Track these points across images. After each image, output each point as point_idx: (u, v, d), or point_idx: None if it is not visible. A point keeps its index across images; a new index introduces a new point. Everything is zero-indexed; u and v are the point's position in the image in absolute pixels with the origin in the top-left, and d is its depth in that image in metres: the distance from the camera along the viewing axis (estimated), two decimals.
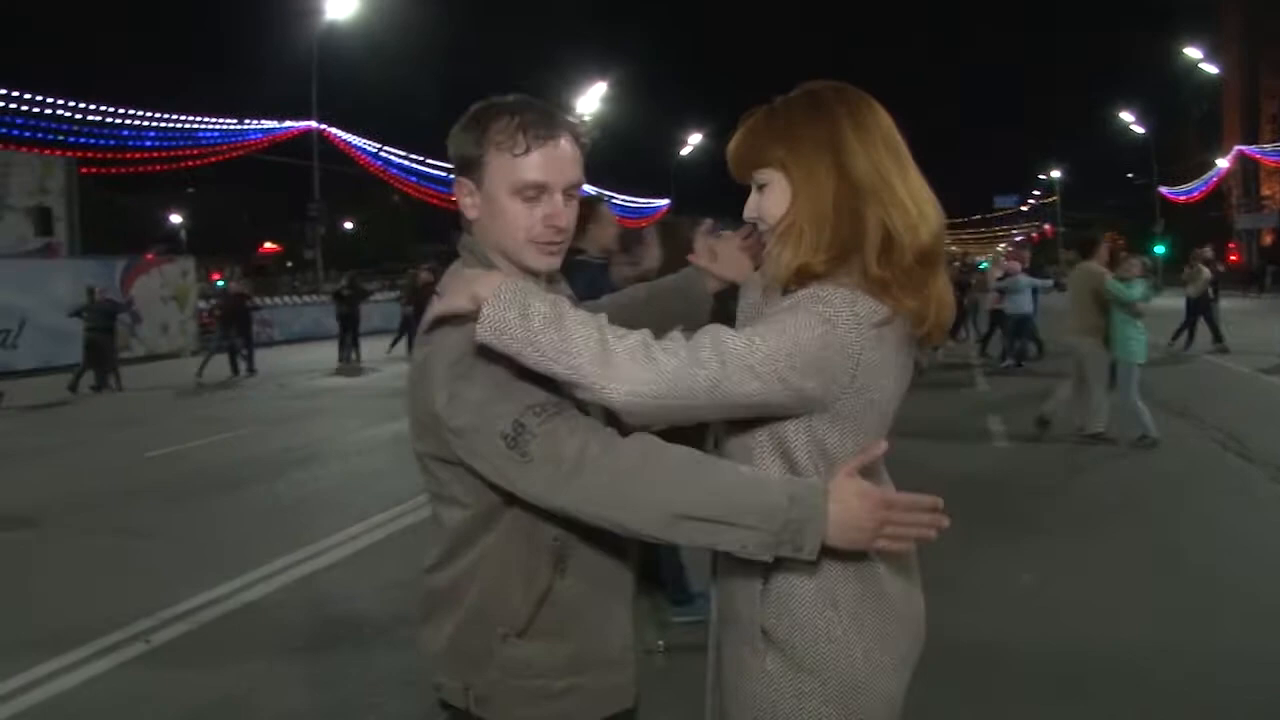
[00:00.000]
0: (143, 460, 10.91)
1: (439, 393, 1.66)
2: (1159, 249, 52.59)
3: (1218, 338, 18.27)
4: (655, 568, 4.93)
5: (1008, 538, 6.56)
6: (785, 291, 1.72)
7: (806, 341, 1.59)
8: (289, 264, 65.57)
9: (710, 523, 1.56)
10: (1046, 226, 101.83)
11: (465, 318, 1.62)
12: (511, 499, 1.68)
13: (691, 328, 1.68)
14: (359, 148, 41.10)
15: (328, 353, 22.74)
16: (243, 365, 20.34)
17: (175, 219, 66.37)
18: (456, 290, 1.64)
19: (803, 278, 1.68)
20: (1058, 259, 68.42)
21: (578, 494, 1.58)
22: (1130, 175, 77.67)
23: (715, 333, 1.62)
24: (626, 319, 1.77)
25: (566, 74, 53.35)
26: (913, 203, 1.67)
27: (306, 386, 18.28)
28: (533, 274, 1.80)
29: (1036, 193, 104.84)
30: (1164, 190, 66.54)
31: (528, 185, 1.73)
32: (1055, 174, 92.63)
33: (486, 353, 1.61)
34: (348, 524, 7.46)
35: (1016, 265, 17.34)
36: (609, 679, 1.84)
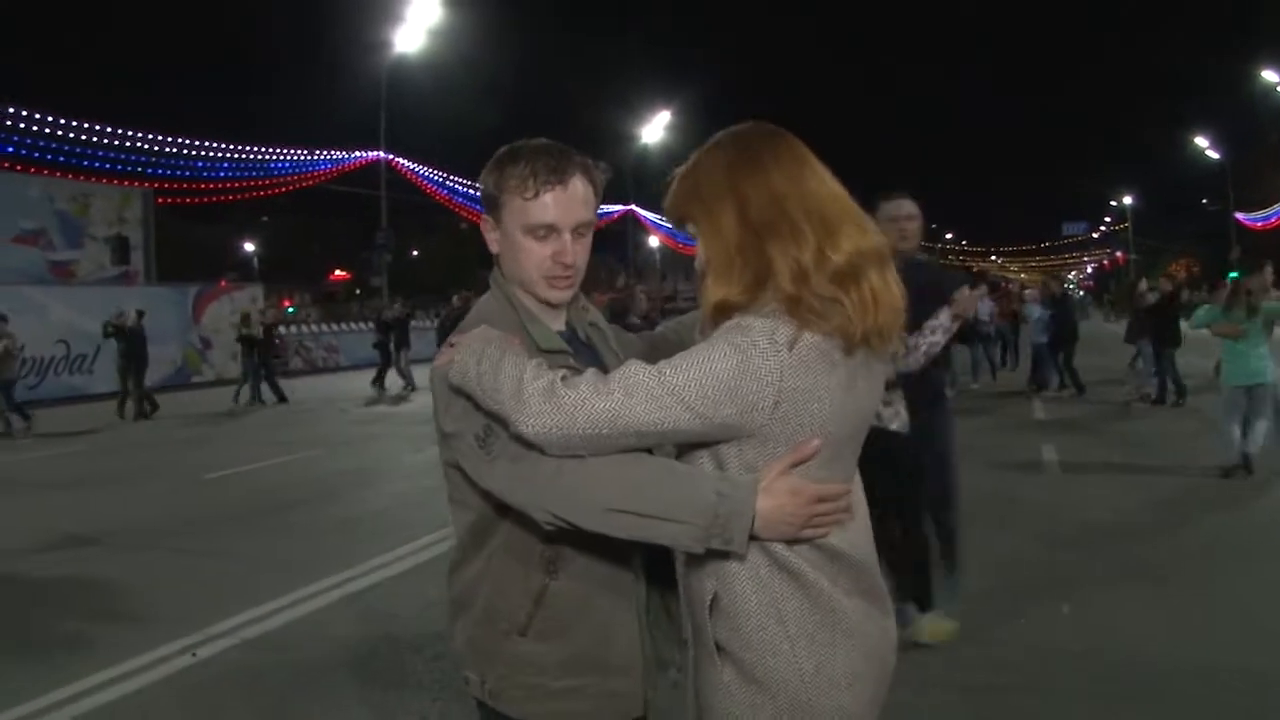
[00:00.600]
0: (202, 482, 11.21)
1: (440, 404, 1.88)
2: (1234, 276, 51.48)
3: None
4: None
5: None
6: (716, 325, 1.78)
7: (720, 370, 1.66)
8: (357, 291, 66.70)
9: (642, 517, 1.67)
10: (1118, 254, 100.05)
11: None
12: (506, 505, 1.83)
13: None
14: (425, 177, 41.75)
15: (392, 379, 22.98)
16: (267, 392, 20.56)
17: (249, 247, 67.89)
18: (455, 344, 1.86)
19: (725, 311, 1.76)
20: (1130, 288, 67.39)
21: (527, 489, 1.73)
22: (1205, 201, 76.18)
23: (628, 367, 1.72)
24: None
25: (630, 103, 53.81)
26: (818, 229, 1.72)
27: (366, 412, 18.59)
28: (548, 304, 2.01)
29: (1107, 219, 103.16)
30: (1240, 217, 65.10)
31: (538, 226, 1.93)
32: (1127, 200, 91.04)
33: None
34: (396, 545, 7.61)
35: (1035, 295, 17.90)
36: (611, 685, 1.95)
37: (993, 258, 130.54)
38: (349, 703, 4.71)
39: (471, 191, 44.26)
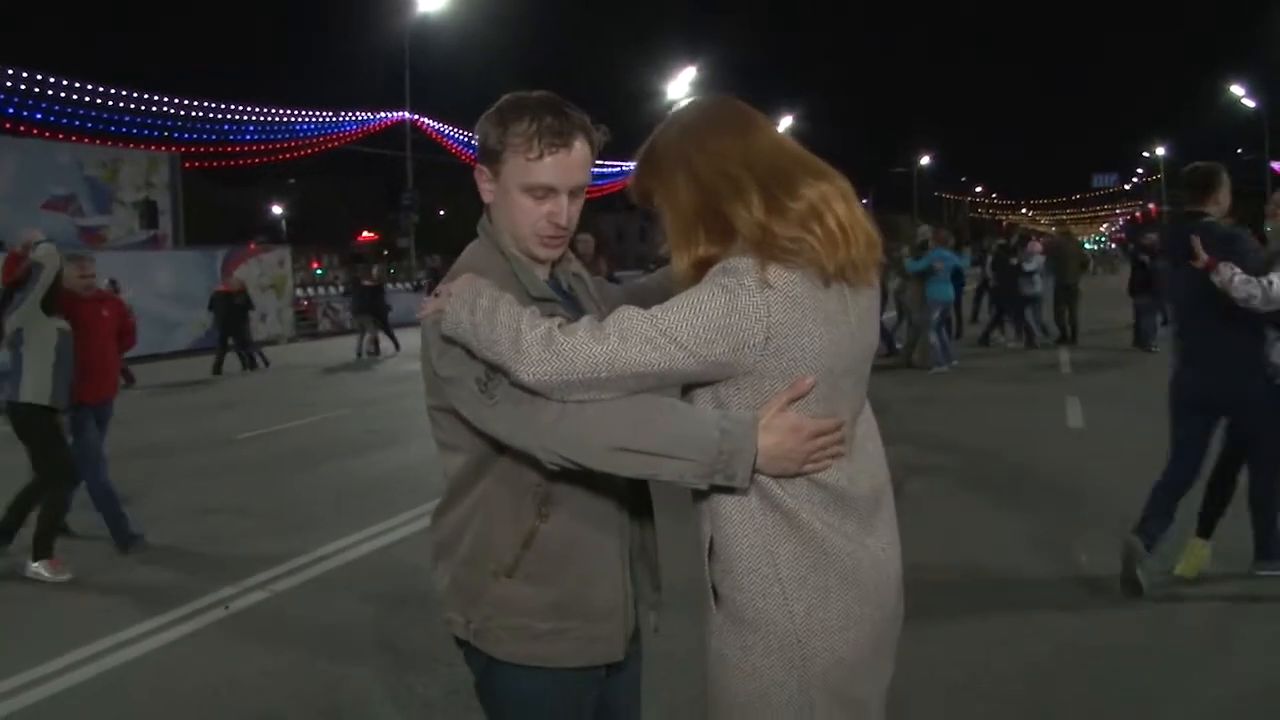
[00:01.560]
0: (235, 441, 11.41)
1: (434, 351, 1.91)
2: (1269, 229, 50.70)
3: None
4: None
5: None
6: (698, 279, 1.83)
7: (709, 310, 1.71)
8: (385, 251, 67.02)
9: (649, 455, 1.73)
10: (1150, 206, 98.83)
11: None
12: (501, 447, 1.89)
13: None
14: (451, 137, 41.76)
15: (416, 338, 22.99)
16: (257, 358, 20.54)
17: (276, 210, 68.28)
18: (440, 292, 1.90)
19: (704, 266, 1.82)
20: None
21: (532, 432, 1.78)
22: (1240, 151, 75.05)
23: (622, 311, 1.77)
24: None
25: (657, 59, 53.45)
26: (768, 181, 1.79)
27: (394, 371, 18.77)
28: (536, 260, 2.04)
29: (1140, 171, 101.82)
30: (1277, 166, 64.12)
31: (537, 186, 1.95)
32: (1160, 151, 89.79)
33: None
34: (420, 502, 7.75)
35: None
36: (594, 630, 1.99)
37: (1024, 211, 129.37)
38: (379, 652, 4.86)
39: None
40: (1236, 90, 63.07)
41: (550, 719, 2.03)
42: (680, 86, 50.40)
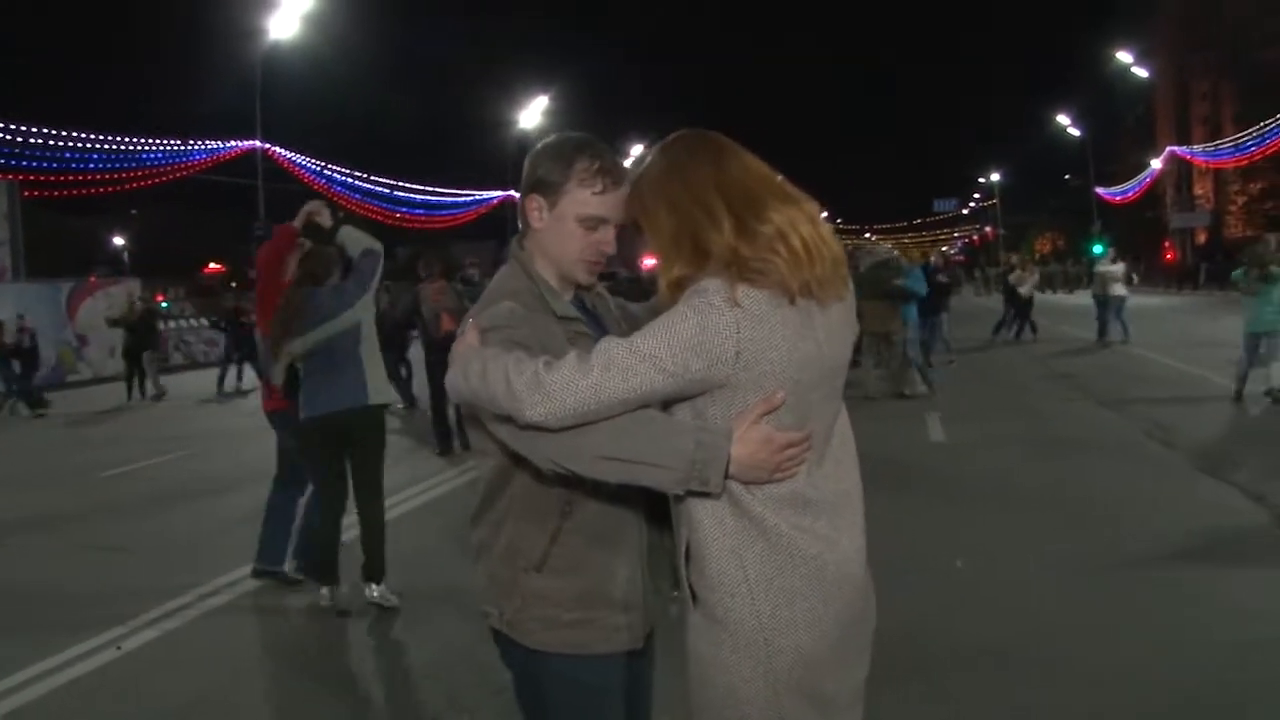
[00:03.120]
0: (99, 479, 11.01)
1: None
2: (1097, 249, 53.55)
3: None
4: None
5: None
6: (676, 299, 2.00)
7: (683, 331, 1.87)
8: (233, 284, 65.13)
9: (630, 463, 1.89)
10: (987, 229, 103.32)
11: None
12: None
13: None
14: (302, 165, 40.92)
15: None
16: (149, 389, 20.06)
17: (118, 241, 65.66)
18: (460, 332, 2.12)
19: (681, 285, 1.98)
20: (997, 261, 69.64)
21: (530, 441, 1.94)
22: (1068, 176, 79.15)
23: (604, 343, 1.93)
24: None
25: (510, 88, 53.40)
26: (739, 207, 1.95)
27: (255, 404, 18.25)
28: (576, 282, 2.26)
29: (976, 195, 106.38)
30: (1100, 191, 67.83)
31: (593, 218, 2.18)
32: (995, 177, 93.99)
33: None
34: None
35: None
36: (615, 619, 2.17)
37: (867, 235, 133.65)
38: (279, 685, 4.82)
39: (351, 180, 43.61)
40: (1062, 119, 66.48)
41: (585, 702, 2.19)
42: (532, 116, 50.57)
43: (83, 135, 29.80)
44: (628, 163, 2.22)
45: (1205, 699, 4.13)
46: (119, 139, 31.10)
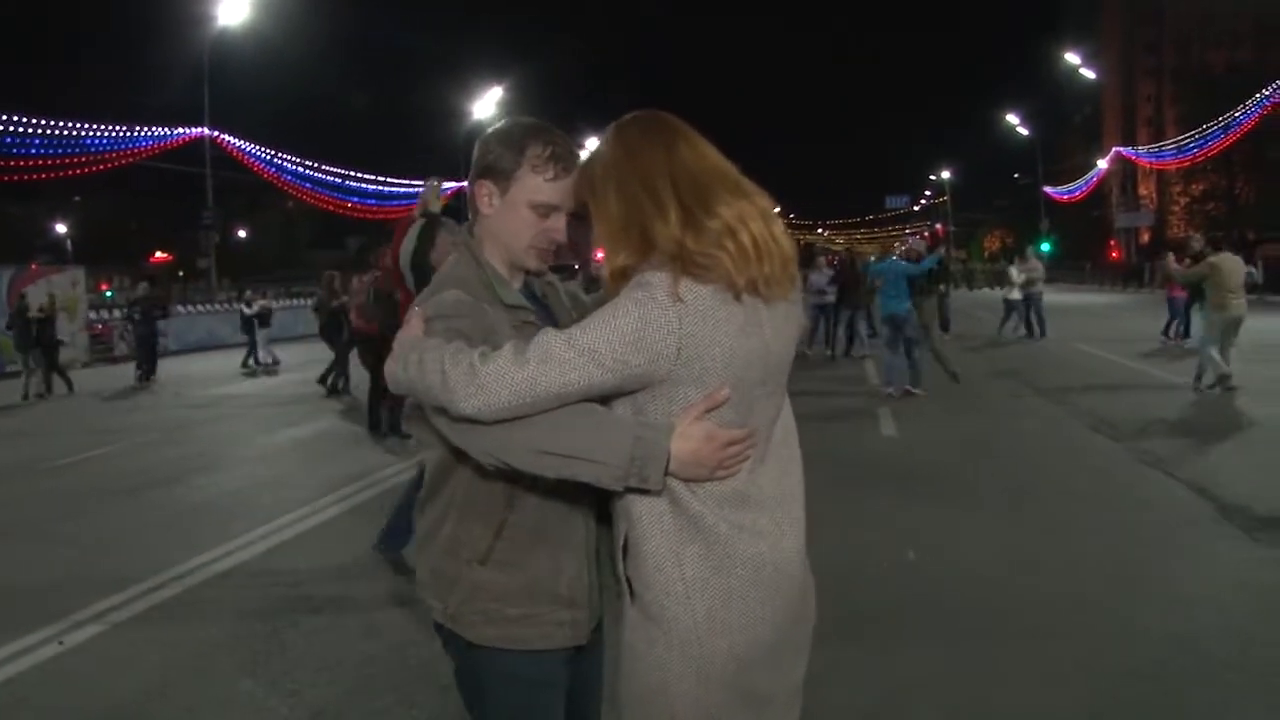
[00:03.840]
0: (41, 471, 10.79)
1: None
2: (1045, 246, 54.39)
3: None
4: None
5: None
6: (618, 289, 1.96)
7: (623, 325, 1.83)
8: (180, 273, 64.20)
9: (567, 457, 1.86)
10: (938, 226, 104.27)
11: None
12: None
13: None
14: (251, 154, 40.38)
15: (222, 362, 22.48)
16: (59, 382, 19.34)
17: (60, 228, 64.50)
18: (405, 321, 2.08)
19: (624, 275, 1.95)
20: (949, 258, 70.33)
21: (468, 434, 1.91)
22: (1017, 176, 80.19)
23: (542, 335, 1.89)
24: None
25: (464, 78, 53.14)
26: (688, 198, 1.91)
27: (203, 395, 18.07)
28: (526, 270, 2.23)
29: (928, 193, 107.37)
30: (1049, 190, 68.77)
31: (545, 204, 2.15)
32: (946, 175, 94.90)
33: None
34: (252, 526, 7.57)
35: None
36: (560, 614, 2.14)
37: (819, 231, 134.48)
38: (225, 682, 4.75)
39: (301, 170, 43.09)
40: (1012, 119, 67.27)
41: (524, 698, 2.16)
42: (486, 106, 50.31)
43: (22, 120, 29.19)
44: (584, 153, 2.17)
45: (1147, 685, 4.19)
46: (61, 124, 30.50)
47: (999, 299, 24.20)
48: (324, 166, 43.94)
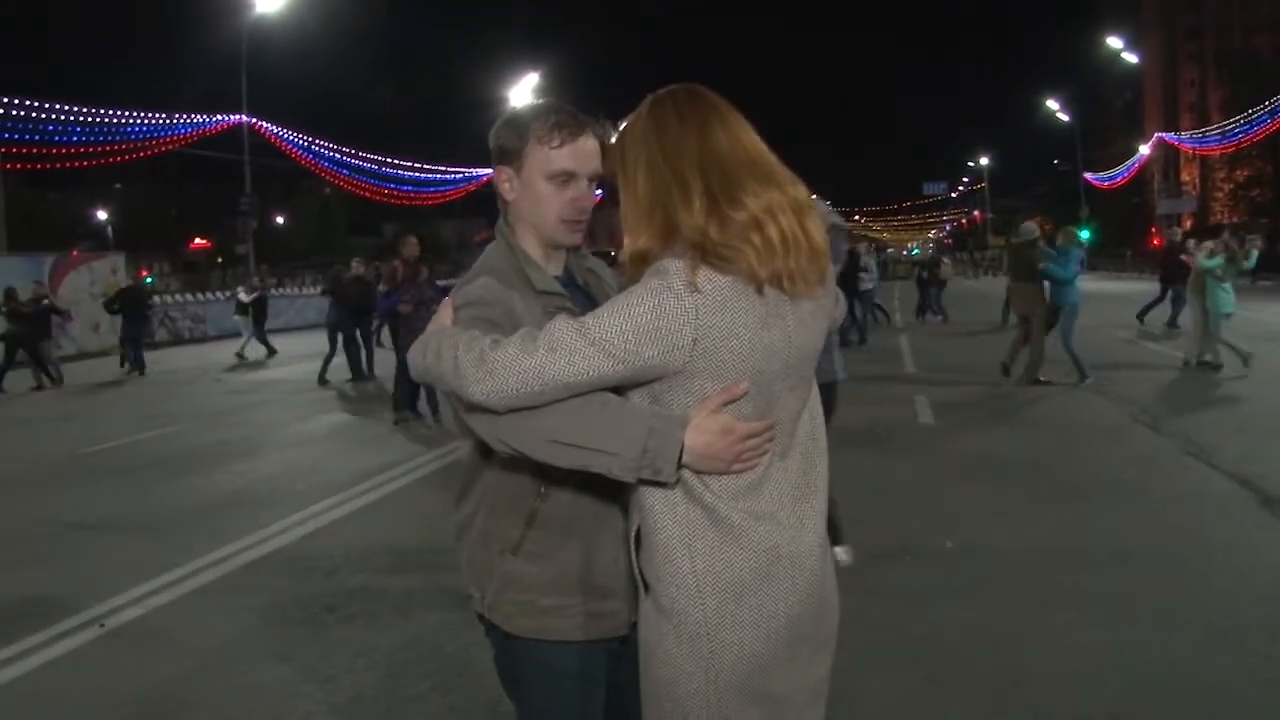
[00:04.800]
0: (81, 455, 10.93)
1: None
2: (1084, 233, 53.67)
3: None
4: None
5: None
6: (637, 274, 1.90)
7: (639, 315, 1.78)
8: (219, 259, 64.78)
9: (579, 448, 1.83)
10: (975, 213, 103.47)
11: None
12: None
13: None
14: (289, 141, 40.61)
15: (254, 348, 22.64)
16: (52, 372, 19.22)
17: (101, 215, 65.26)
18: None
19: (643, 259, 1.89)
20: (985, 245, 69.78)
21: (485, 422, 1.90)
22: (1056, 162, 79.28)
23: (555, 323, 1.84)
24: None
25: (498, 65, 53.22)
26: (714, 185, 1.83)
27: (242, 381, 18.23)
28: (561, 247, 2.21)
29: (965, 179, 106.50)
30: (1089, 176, 67.92)
31: (560, 173, 2.12)
32: (984, 161, 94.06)
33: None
34: (290, 512, 7.62)
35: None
36: (594, 606, 2.12)
37: (856, 218, 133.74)
38: (261, 667, 4.78)
39: (339, 156, 43.32)
40: (1052, 105, 66.45)
41: (558, 689, 2.16)
42: (523, 93, 50.31)
43: (65, 108, 29.51)
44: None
45: (1186, 678, 4.13)
46: (102, 112, 30.82)
47: None
48: (361, 153, 44.17)
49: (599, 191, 2.22)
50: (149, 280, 41.76)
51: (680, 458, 1.80)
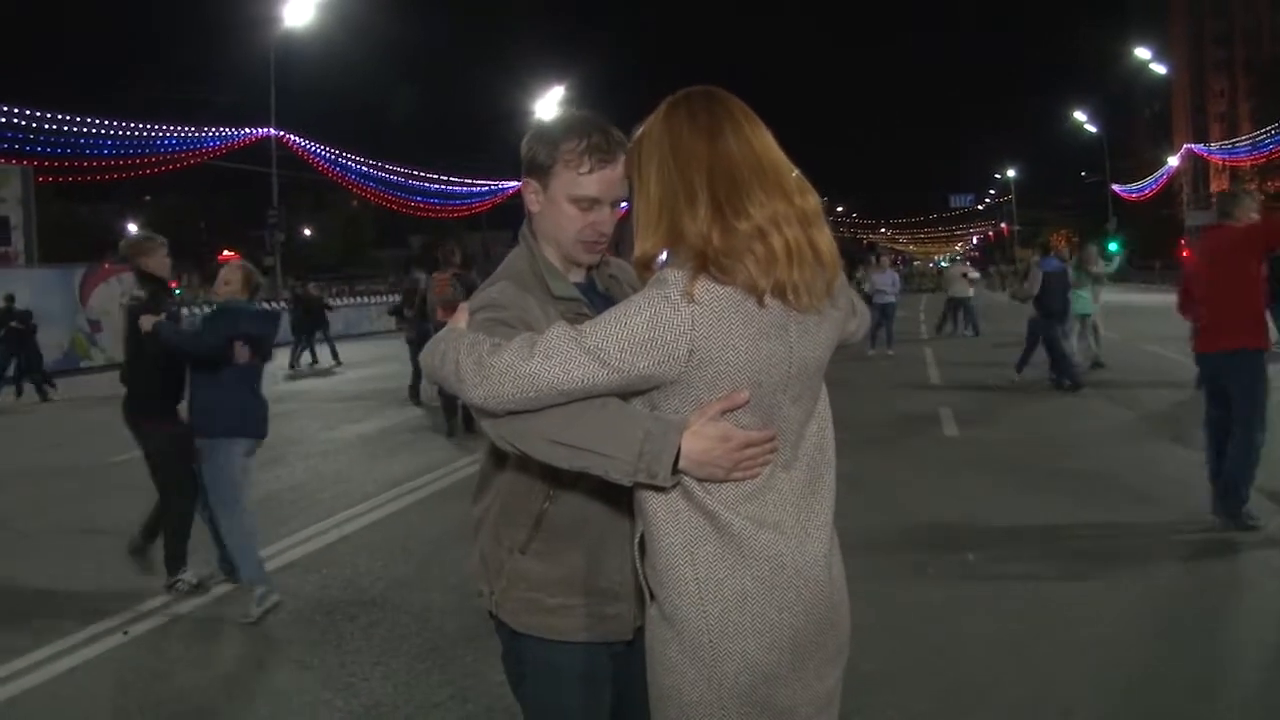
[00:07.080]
0: (107, 465, 10.99)
1: None
2: (1113, 246, 53.30)
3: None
4: None
5: None
6: (643, 280, 1.93)
7: (635, 325, 1.78)
8: None
9: (576, 449, 1.84)
10: (1002, 225, 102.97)
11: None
12: None
13: None
14: (317, 154, 40.95)
15: (283, 358, 22.85)
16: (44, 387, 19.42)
17: (131, 227, 65.92)
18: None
19: (647, 264, 1.91)
20: (1013, 258, 69.39)
21: (489, 421, 1.92)
22: (1084, 174, 78.83)
23: (552, 329, 1.86)
24: None
25: (523, 79, 53.44)
26: (721, 193, 1.81)
27: (271, 391, 18.28)
28: (578, 264, 2.24)
29: (992, 192, 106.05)
30: (1116, 188, 67.47)
31: (585, 199, 2.15)
32: (1010, 173, 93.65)
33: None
34: (313, 521, 7.65)
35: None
36: (600, 608, 2.15)
37: (883, 230, 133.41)
38: (282, 674, 4.80)
39: (364, 169, 43.61)
40: (1080, 116, 66.08)
41: (560, 689, 2.19)
42: (549, 105, 50.49)
43: (96, 121, 29.91)
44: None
45: (1222, 695, 4.09)
46: (133, 125, 31.21)
47: None
48: (387, 165, 44.48)
49: (625, 205, 2.21)
50: (178, 291, 42.04)
51: (676, 462, 1.79)
